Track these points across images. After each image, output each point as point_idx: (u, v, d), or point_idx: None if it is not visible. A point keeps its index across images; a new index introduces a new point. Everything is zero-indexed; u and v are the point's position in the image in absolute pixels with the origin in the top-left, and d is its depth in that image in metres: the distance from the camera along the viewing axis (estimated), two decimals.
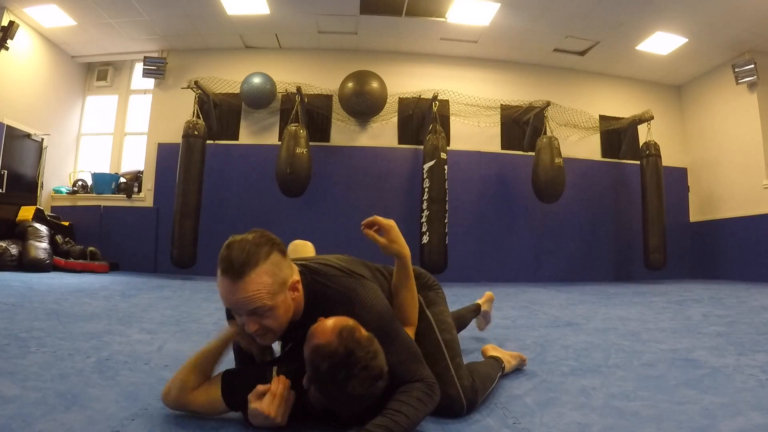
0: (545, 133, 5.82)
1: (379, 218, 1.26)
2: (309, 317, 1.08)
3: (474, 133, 6.48)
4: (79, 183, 6.56)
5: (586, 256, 6.53)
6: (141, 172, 6.47)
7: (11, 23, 5.35)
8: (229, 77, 6.15)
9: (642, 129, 6.54)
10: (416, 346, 1.15)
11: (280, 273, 1.03)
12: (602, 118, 6.77)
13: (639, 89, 7.09)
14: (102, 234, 6.13)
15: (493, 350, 1.61)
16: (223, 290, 1.00)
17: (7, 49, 5.41)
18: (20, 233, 5.31)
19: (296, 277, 1.08)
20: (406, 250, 1.30)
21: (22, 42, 5.72)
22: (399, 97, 6.34)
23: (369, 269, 1.31)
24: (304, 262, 1.18)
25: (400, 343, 1.10)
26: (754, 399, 1.31)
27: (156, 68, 6.30)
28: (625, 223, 6.66)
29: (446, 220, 5.35)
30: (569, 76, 6.84)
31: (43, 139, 6.22)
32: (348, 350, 0.96)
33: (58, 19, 5.73)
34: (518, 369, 1.63)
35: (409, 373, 1.07)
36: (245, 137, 6.37)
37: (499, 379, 1.44)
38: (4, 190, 5.53)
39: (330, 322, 1.01)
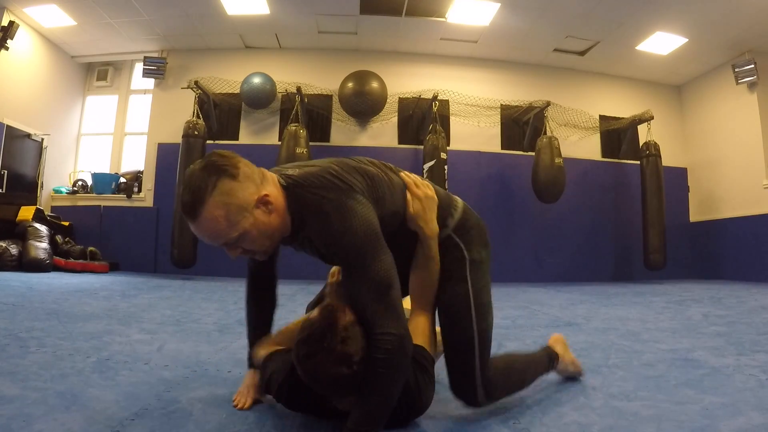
0: (545, 133, 5.82)
1: (419, 183, 1.18)
2: (299, 226, 1.06)
3: (474, 133, 6.48)
4: (79, 183, 6.56)
5: (586, 256, 6.53)
6: (141, 172, 6.47)
7: (11, 23, 5.35)
8: (229, 77, 6.15)
9: (642, 129, 6.54)
10: (389, 282, 0.97)
11: (234, 199, 0.96)
12: (602, 118, 6.77)
13: (639, 89, 7.09)
14: (102, 234, 6.13)
15: (560, 347, 1.46)
16: (192, 230, 0.99)
17: (7, 49, 5.41)
18: (20, 233, 5.31)
19: (264, 191, 1.00)
20: (429, 230, 1.17)
21: (22, 42, 5.72)
22: (399, 97, 6.34)
23: (367, 174, 1.11)
24: (289, 172, 1.08)
25: (367, 276, 0.96)
26: (754, 399, 1.31)
27: (156, 68, 6.30)
28: (625, 223, 6.66)
29: None
30: (569, 76, 6.84)
31: (43, 139, 6.22)
32: (320, 330, 0.96)
33: (58, 19, 5.73)
34: (572, 378, 1.49)
35: (372, 320, 0.95)
36: (245, 137, 6.37)
37: (538, 378, 1.33)
38: (4, 190, 5.53)
39: (325, 301, 1.08)
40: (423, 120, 6.32)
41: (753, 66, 5.84)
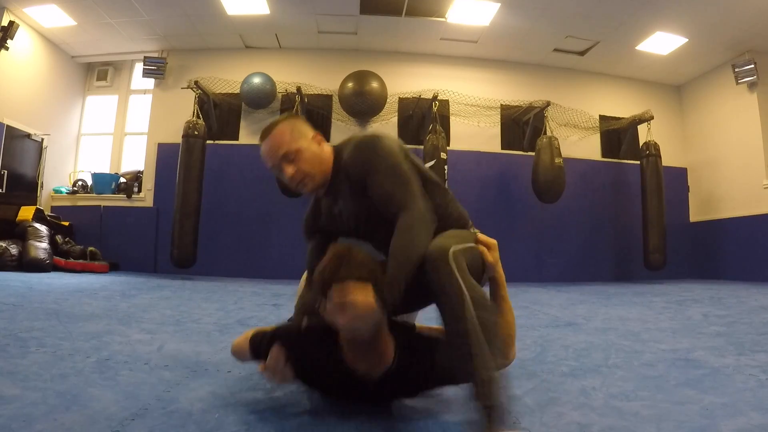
0: (545, 133, 5.82)
1: (482, 236, 1.35)
2: (336, 169, 1.32)
3: (474, 133, 6.48)
4: (79, 183, 6.56)
5: (586, 256, 6.53)
6: (141, 172, 6.47)
7: (11, 23, 5.35)
8: (229, 77, 6.15)
9: (642, 129, 6.54)
10: (411, 180, 1.24)
11: (298, 127, 1.31)
12: (602, 118, 6.77)
13: (639, 89, 7.09)
14: (102, 234, 6.12)
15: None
16: (262, 150, 1.30)
17: (7, 49, 5.41)
18: (20, 233, 5.31)
19: (319, 136, 1.34)
20: (502, 274, 1.38)
21: (22, 42, 5.72)
22: (399, 97, 6.34)
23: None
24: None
25: (394, 174, 1.23)
26: (754, 399, 1.31)
27: (156, 68, 6.30)
28: (625, 223, 6.66)
29: None
30: (569, 76, 6.84)
31: (43, 139, 6.22)
32: (336, 258, 1.09)
33: (58, 19, 5.73)
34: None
35: (400, 204, 1.19)
36: (245, 137, 6.37)
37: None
38: (4, 190, 5.53)
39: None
40: (423, 120, 6.32)
41: (753, 66, 5.84)
